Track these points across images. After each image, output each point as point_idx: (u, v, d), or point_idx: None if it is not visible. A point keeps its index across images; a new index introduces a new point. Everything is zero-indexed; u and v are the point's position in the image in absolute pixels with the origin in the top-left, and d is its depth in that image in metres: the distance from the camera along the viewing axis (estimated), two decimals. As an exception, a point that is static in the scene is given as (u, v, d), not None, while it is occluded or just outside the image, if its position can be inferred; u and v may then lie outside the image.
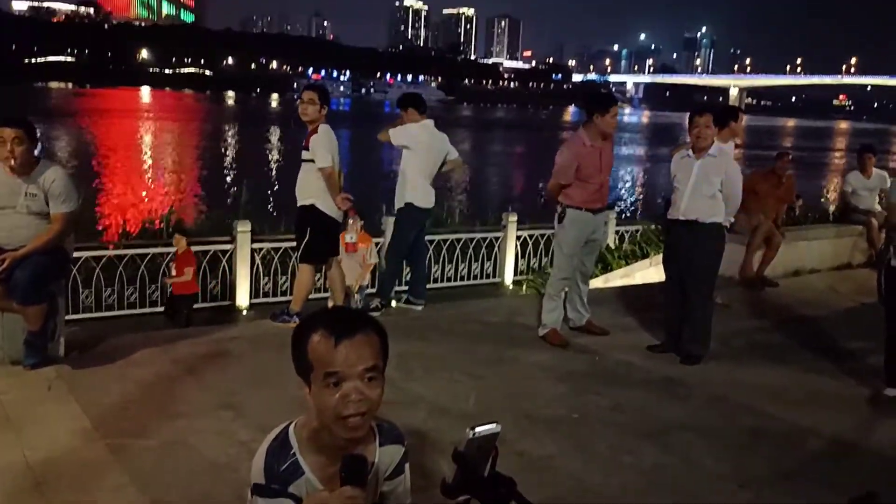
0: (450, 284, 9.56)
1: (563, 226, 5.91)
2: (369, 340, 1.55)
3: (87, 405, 4.22)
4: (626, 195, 33.04)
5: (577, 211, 5.84)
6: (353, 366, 1.51)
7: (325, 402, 1.52)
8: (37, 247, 4.53)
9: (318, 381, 1.53)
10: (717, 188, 5.60)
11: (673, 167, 5.86)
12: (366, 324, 1.58)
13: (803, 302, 7.79)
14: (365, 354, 1.53)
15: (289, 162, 27.29)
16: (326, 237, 6.06)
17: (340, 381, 1.51)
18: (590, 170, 5.80)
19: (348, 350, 1.51)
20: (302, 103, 5.94)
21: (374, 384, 1.54)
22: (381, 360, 1.57)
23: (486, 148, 55.85)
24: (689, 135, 5.73)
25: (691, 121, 5.67)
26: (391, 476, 1.68)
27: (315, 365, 1.53)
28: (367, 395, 1.52)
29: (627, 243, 11.13)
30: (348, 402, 1.50)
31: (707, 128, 5.59)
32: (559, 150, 5.96)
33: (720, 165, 5.62)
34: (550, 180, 5.96)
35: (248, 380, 4.77)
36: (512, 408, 4.52)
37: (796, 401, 4.98)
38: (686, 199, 5.65)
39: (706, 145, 5.61)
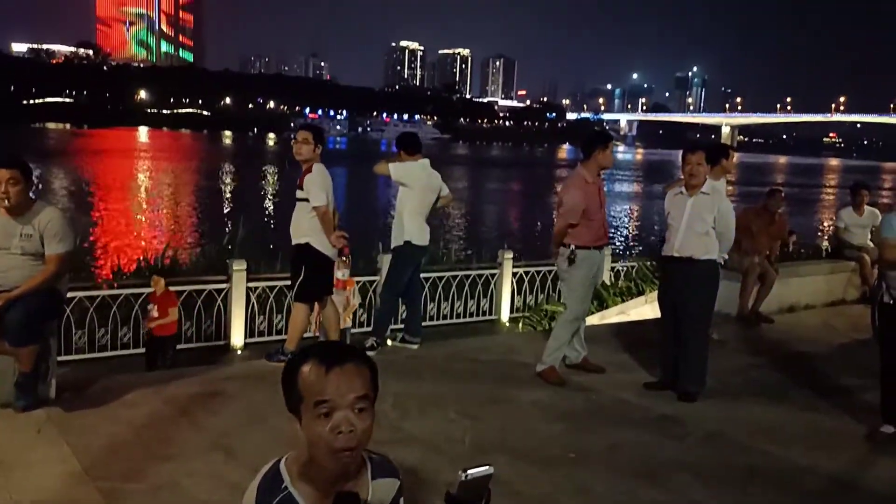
0: (446, 322, 9.53)
1: (576, 266, 5.89)
2: (359, 371, 1.56)
3: (77, 448, 4.17)
4: (621, 232, 33.16)
5: (586, 251, 5.86)
6: (343, 395, 1.51)
7: (316, 432, 1.52)
8: (31, 287, 4.51)
9: (309, 411, 1.53)
10: (711, 225, 5.63)
11: (666, 205, 5.89)
12: (356, 355, 1.59)
13: (799, 338, 7.77)
14: (355, 384, 1.53)
15: (284, 200, 27.38)
16: (321, 275, 6.05)
17: (331, 410, 1.51)
18: (593, 207, 5.85)
19: (339, 378, 1.52)
20: (296, 143, 5.99)
21: (365, 415, 1.54)
22: (372, 392, 1.57)
23: (482, 185, 56.14)
24: (681, 172, 5.78)
25: (684, 158, 5.72)
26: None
27: (305, 395, 1.54)
28: (357, 427, 1.52)
29: (623, 280, 11.13)
30: (339, 434, 1.50)
31: (699, 165, 5.64)
32: (564, 191, 5.98)
33: (713, 203, 5.66)
34: (559, 222, 5.95)
35: (241, 420, 4.72)
36: (508, 447, 4.48)
37: (793, 438, 4.95)
38: (680, 236, 5.67)
39: (699, 183, 5.66)
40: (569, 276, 5.98)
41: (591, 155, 5.89)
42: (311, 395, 1.52)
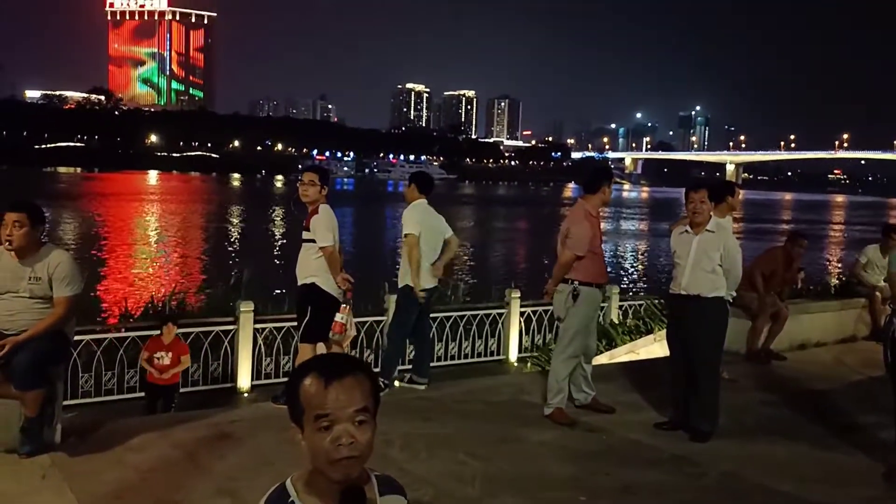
0: (454, 362, 9.48)
1: (579, 304, 5.85)
2: (359, 383, 1.56)
3: (82, 494, 4.12)
4: (629, 270, 33.08)
5: (590, 288, 5.83)
6: (343, 408, 1.52)
7: (317, 445, 1.53)
8: (38, 331, 4.51)
9: (310, 424, 1.54)
10: (717, 263, 5.60)
11: (672, 243, 5.88)
12: (356, 367, 1.60)
13: (811, 376, 7.68)
14: (355, 396, 1.54)
15: (291, 242, 27.47)
16: (327, 315, 6.03)
17: (331, 423, 1.52)
18: (596, 241, 5.87)
19: (338, 392, 1.53)
20: (302, 185, 6.02)
21: (365, 427, 1.55)
22: (372, 404, 1.58)
23: (489, 224, 56.25)
24: (685, 210, 5.77)
25: (687, 197, 5.72)
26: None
27: (306, 407, 1.55)
28: (358, 439, 1.53)
29: (631, 318, 11.07)
30: (339, 446, 1.51)
31: (702, 203, 5.63)
32: (572, 222, 5.93)
33: (718, 240, 5.64)
34: (564, 254, 5.87)
35: (248, 464, 4.67)
36: (518, 489, 4.40)
37: (810, 478, 4.85)
38: (687, 274, 5.65)
39: (703, 220, 5.65)
40: (571, 313, 5.89)
41: (598, 189, 5.92)
42: (312, 408, 1.54)
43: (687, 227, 5.75)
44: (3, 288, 4.57)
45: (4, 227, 4.48)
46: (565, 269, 5.89)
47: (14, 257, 4.55)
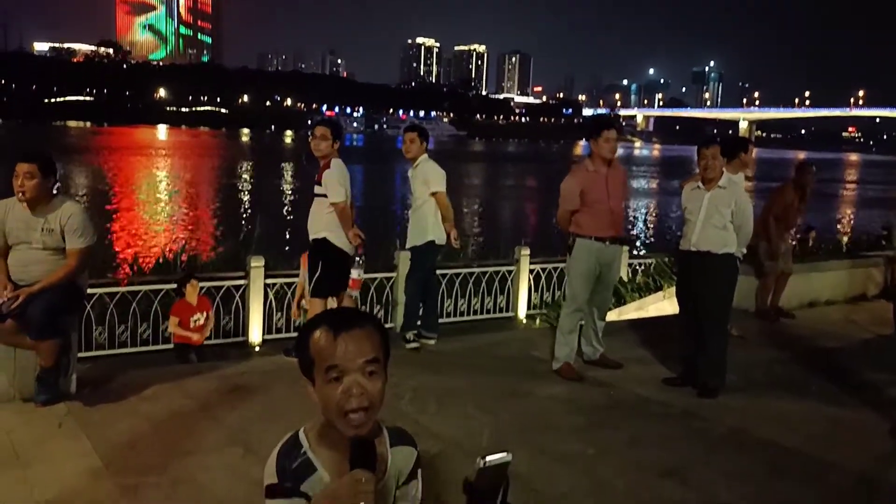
0: (463, 319, 9.51)
1: (573, 256, 5.88)
2: (368, 335, 1.57)
3: (97, 442, 4.19)
4: (639, 228, 32.98)
5: (586, 240, 5.81)
6: (352, 359, 1.52)
7: (328, 397, 1.53)
8: (52, 282, 4.54)
9: (321, 376, 1.55)
10: (728, 219, 5.57)
11: (683, 199, 5.85)
12: (365, 320, 1.60)
13: (820, 333, 7.69)
14: (364, 348, 1.54)
15: (302, 197, 27.47)
16: (338, 271, 6.05)
17: (341, 374, 1.52)
18: (596, 195, 5.79)
19: (347, 343, 1.53)
20: (314, 139, 5.99)
21: (375, 378, 1.55)
22: (382, 356, 1.58)
23: (499, 182, 56.05)
24: (697, 166, 5.72)
25: (699, 153, 5.67)
26: (406, 481, 1.66)
27: (316, 360, 1.55)
28: (368, 390, 1.53)
29: (641, 276, 11.06)
30: (350, 397, 1.52)
31: (714, 159, 5.59)
32: (564, 180, 5.99)
33: (730, 196, 5.60)
34: (559, 209, 5.96)
35: (259, 415, 4.73)
36: (526, 442, 4.45)
37: (817, 434, 4.88)
38: (697, 230, 5.62)
39: (715, 176, 5.61)
40: (568, 266, 6.02)
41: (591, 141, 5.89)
42: (322, 360, 1.54)
43: (699, 182, 5.71)
44: (17, 239, 4.60)
45: (16, 178, 4.49)
46: (564, 224, 5.97)
47: (26, 209, 4.57)
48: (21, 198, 4.51)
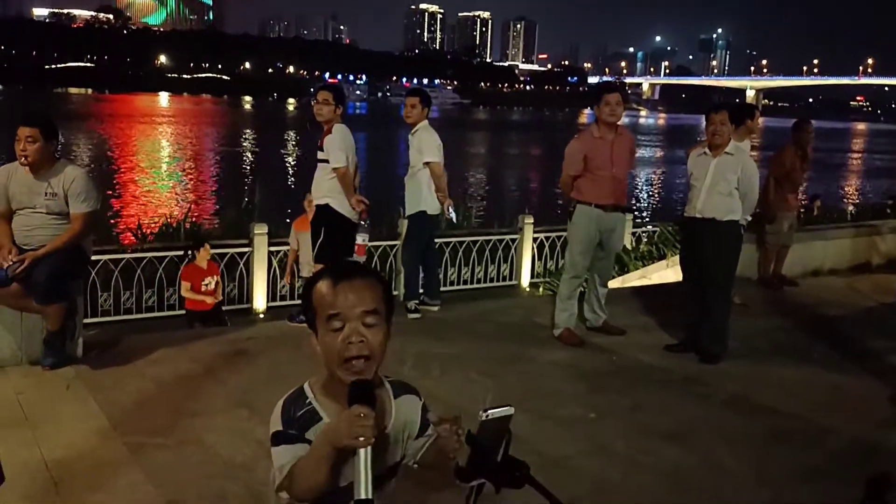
0: (466, 287, 9.54)
1: (573, 222, 5.89)
2: (370, 285, 1.59)
3: (104, 404, 4.24)
4: (643, 196, 32.89)
5: (586, 206, 5.81)
6: (352, 307, 1.54)
7: (329, 345, 1.56)
8: (56, 246, 4.56)
9: (323, 325, 1.57)
10: (734, 186, 5.56)
11: (689, 165, 5.82)
12: (367, 272, 1.63)
13: (823, 302, 7.71)
14: (364, 297, 1.56)
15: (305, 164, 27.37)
16: (341, 237, 6.05)
17: (342, 322, 1.54)
18: (599, 161, 5.76)
19: (347, 291, 1.55)
20: (317, 104, 5.96)
21: (376, 330, 1.57)
22: (384, 308, 1.59)
23: (503, 150, 55.82)
24: (705, 133, 5.70)
25: (707, 118, 5.65)
26: (419, 434, 1.67)
27: (318, 309, 1.58)
28: (369, 339, 1.55)
29: (644, 244, 11.06)
30: (349, 345, 1.54)
31: (723, 125, 5.56)
32: (568, 144, 5.97)
33: (737, 163, 5.58)
34: (562, 173, 5.95)
35: (264, 379, 4.77)
36: (529, 407, 4.48)
37: (817, 400, 4.92)
38: (702, 197, 5.61)
39: (722, 142, 5.58)
40: (568, 232, 6.03)
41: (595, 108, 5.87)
42: (323, 308, 1.56)
43: (705, 149, 5.69)
44: (20, 204, 4.60)
45: (18, 142, 4.49)
46: (566, 189, 5.96)
47: (29, 173, 4.57)
48: (23, 162, 4.51)
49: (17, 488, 3.24)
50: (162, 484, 3.41)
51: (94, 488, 3.35)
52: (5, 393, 4.35)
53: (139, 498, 3.29)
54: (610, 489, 3.59)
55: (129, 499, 3.28)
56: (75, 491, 3.31)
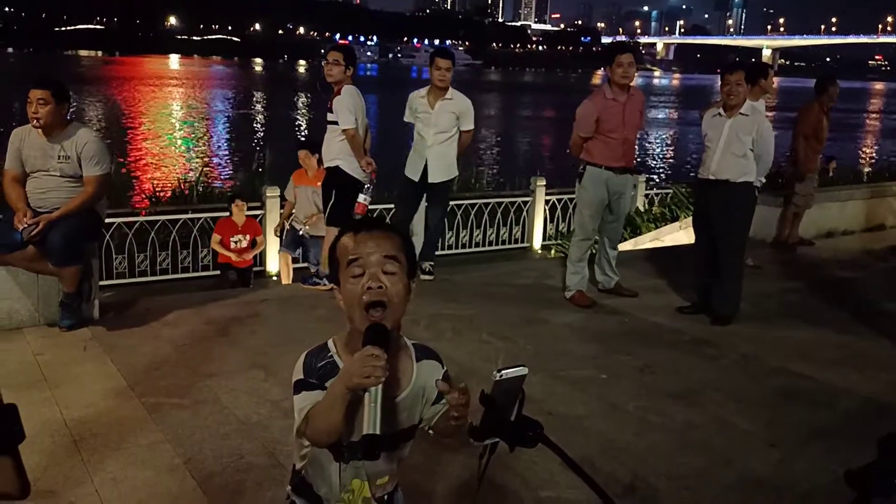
0: (478, 249, 9.54)
1: (583, 185, 5.86)
2: (389, 237, 1.62)
3: (122, 365, 4.30)
4: (656, 158, 32.63)
5: (596, 169, 5.77)
6: (371, 253, 1.57)
7: (350, 293, 1.58)
8: (70, 209, 4.59)
9: (344, 274, 1.60)
10: (749, 147, 5.50)
11: (704, 126, 5.76)
12: (389, 227, 1.67)
13: (836, 263, 7.67)
14: (384, 245, 1.59)
15: (316, 126, 27.28)
16: (351, 199, 6.03)
17: (362, 269, 1.57)
18: (611, 123, 5.72)
19: (367, 239, 1.59)
20: (327, 64, 5.92)
21: (395, 279, 1.58)
22: (404, 259, 1.61)
23: (515, 112, 55.36)
24: (720, 93, 5.63)
25: (722, 79, 5.58)
26: (436, 400, 1.69)
27: (340, 259, 1.62)
28: (388, 287, 1.57)
29: (657, 206, 11.01)
30: (368, 290, 1.56)
31: (738, 85, 5.48)
32: (581, 104, 5.91)
33: (752, 124, 5.52)
34: (572, 134, 5.91)
35: (278, 340, 4.82)
36: (540, 368, 4.52)
37: (829, 361, 4.93)
38: (717, 158, 5.56)
39: (738, 103, 5.51)
40: (578, 195, 5.99)
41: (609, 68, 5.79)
42: (344, 257, 1.60)
43: (720, 109, 5.62)
44: (34, 167, 4.63)
45: (30, 105, 4.50)
46: (576, 150, 5.91)
47: (42, 136, 4.59)
48: (36, 124, 4.52)
49: (39, 446, 3.31)
50: (180, 443, 3.47)
51: (114, 447, 3.41)
52: (24, 354, 4.42)
53: (158, 456, 3.36)
54: (620, 448, 3.63)
55: (147, 457, 3.35)
56: (96, 449, 3.38)
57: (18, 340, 4.62)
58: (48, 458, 3.27)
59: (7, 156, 4.71)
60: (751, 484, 3.37)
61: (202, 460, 3.33)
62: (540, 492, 3.18)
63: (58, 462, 3.25)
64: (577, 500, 3.08)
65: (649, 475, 3.38)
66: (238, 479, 3.18)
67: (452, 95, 6.35)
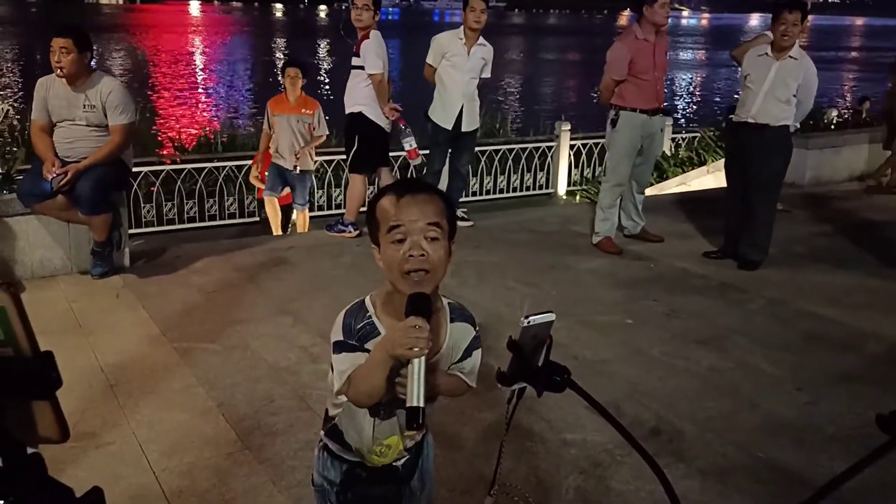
0: (502, 196, 9.51)
1: (617, 129, 5.77)
2: (432, 200, 1.60)
3: (153, 311, 4.39)
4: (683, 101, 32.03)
5: (631, 113, 5.68)
6: (415, 220, 1.55)
7: (391, 257, 1.57)
8: (98, 158, 4.63)
9: (385, 237, 1.58)
10: (793, 93, 5.35)
11: (746, 65, 5.54)
12: (431, 188, 1.64)
13: (868, 207, 7.56)
14: (427, 210, 1.57)
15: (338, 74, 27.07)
16: (374, 145, 6.01)
17: (405, 235, 1.55)
18: (643, 65, 5.61)
19: (410, 204, 1.56)
20: (356, 8, 5.82)
21: (437, 244, 1.57)
22: (446, 224, 1.60)
23: (539, 56, 54.41)
24: (772, 31, 5.42)
25: (777, 16, 5.32)
26: (460, 359, 1.71)
27: (381, 222, 1.59)
28: (430, 253, 1.55)
29: (684, 150, 10.85)
30: (410, 257, 1.54)
31: (795, 25, 5.26)
32: (612, 46, 5.78)
33: (799, 69, 5.35)
34: (603, 77, 5.79)
35: (305, 287, 4.88)
36: (566, 313, 4.53)
37: (856, 305, 4.89)
38: (759, 101, 5.39)
39: (790, 45, 5.32)
40: (610, 140, 5.88)
41: (642, 12, 5.64)
42: (386, 221, 1.57)
43: (767, 49, 5.43)
44: (60, 116, 4.66)
45: (53, 54, 4.50)
46: (606, 95, 5.80)
47: (66, 85, 4.60)
48: (60, 73, 4.54)
49: (76, 391, 3.41)
50: (212, 386, 3.56)
51: (149, 391, 3.50)
52: (59, 301, 4.52)
53: (191, 399, 3.45)
54: (646, 392, 3.65)
55: (181, 400, 3.43)
56: (132, 393, 3.47)
57: (53, 288, 4.72)
58: (86, 402, 3.36)
59: (33, 106, 4.75)
60: (776, 427, 3.39)
61: (234, 404, 3.42)
62: (566, 434, 3.23)
63: (95, 406, 3.35)
64: (603, 443, 3.13)
65: (674, 419, 3.41)
66: (269, 422, 3.26)
67: (483, 40, 6.26)
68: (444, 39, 6.27)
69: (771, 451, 3.18)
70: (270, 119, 7.00)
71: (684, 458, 3.11)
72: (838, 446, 3.21)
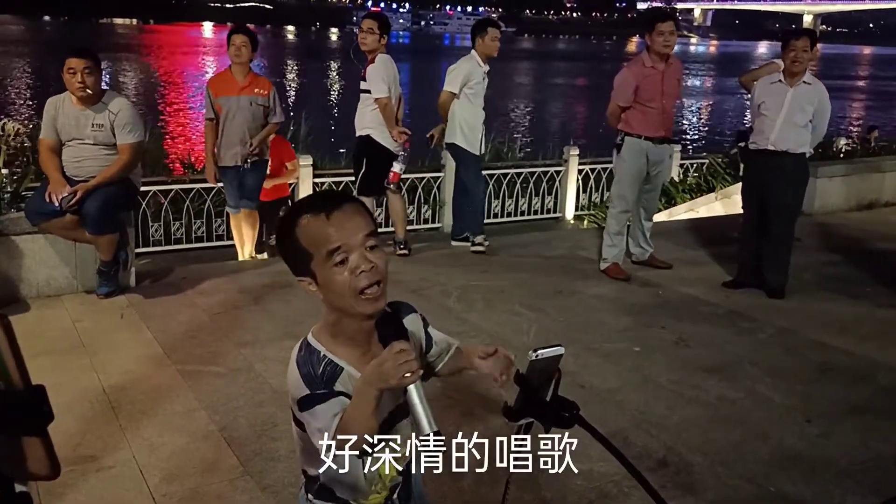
0: (510, 219, 9.48)
1: (622, 156, 5.76)
2: (358, 209, 1.50)
3: (158, 332, 4.37)
4: (692, 127, 32.08)
5: (636, 139, 5.67)
6: (353, 235, 1.46)
7: (338, 282, 1.45)
8: (106, 178, 4.64)
9: (323, 265, 1.46)
10: (809, 118, 5.35)
11: (759, 93, 5.53)
12: (347, 196, 1.54)
13: (877, 235, 7.50)
14: (360, 222, 1.47)
15: (349, 95, 27.23)
16: (382, 169, 6.03)
17: (346, 254, 1.45)
18: (650, 93, 5.60)
19: (342, 220, 1.46)
20: (361, 32, 5.88)
21: (377, 252, 1.49)
22: (374, 226, 1.52)
23: (548, 80, 54.71)
24: (783, 59, 5.44)
25: (786, 44, 5.35)
26: (428, 349, 1.65)
27: (313, 249, 1.47)
28: (377, 263, 1.47)
29: (692, 176, 10.82)
30: (361, 274, 1.45)
31: (804, 51, 5.28)
32: (619, 72, 5.81)
33: (814, 93, 5.35)
34: (610, 104, 5.80)
35: (311, 310, 4.80)
36: (573, 340, 4.49)
37: (867, 335, 4.83)
38: (777, 128, 5.37)
39: (801, 70, 5.33)
40: (616, 166, 5.90)
41: (648, 36, 5.67)
42: (321, 246, 1.45)
43: (780, 76, 5.44)
44: (69, 135, 4.68)
45: (74, 75, 4.53)
46: (613, 120, 5.81)
47: (76, 104, 4.63)
48: (84, 94, 4.57)
49: (78, 412, 3.38)
50: (215, 410, 3.52)
51: (151, 413, 3.47)
52: (63, 320, 4.50)
53: (193, 423, 3.41)
54: (654, 422, 3.60)
55: (183, 424, 3.40)
56: (134, 415, 3.44)
57: (57, 307, 4.71)
58: (87, 423, 3.33)
59: (43, 125, 4.78)
60: (786, 459, 3.33)
61: (237, 428, 3.38)
62: (572, 464, 3.17)
63: (96, 428, 3.31)
64: (610, 473, 3.07)
65: (683, 449, 3.35)
66: (272, 448, 3.22)
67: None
68: (467, 67, 6.29)
69: (782, 485, 3.12)
70: (214, 104, 5.73)
71: (694, 490, 3.05)
72: (850, 480, 3.15)
